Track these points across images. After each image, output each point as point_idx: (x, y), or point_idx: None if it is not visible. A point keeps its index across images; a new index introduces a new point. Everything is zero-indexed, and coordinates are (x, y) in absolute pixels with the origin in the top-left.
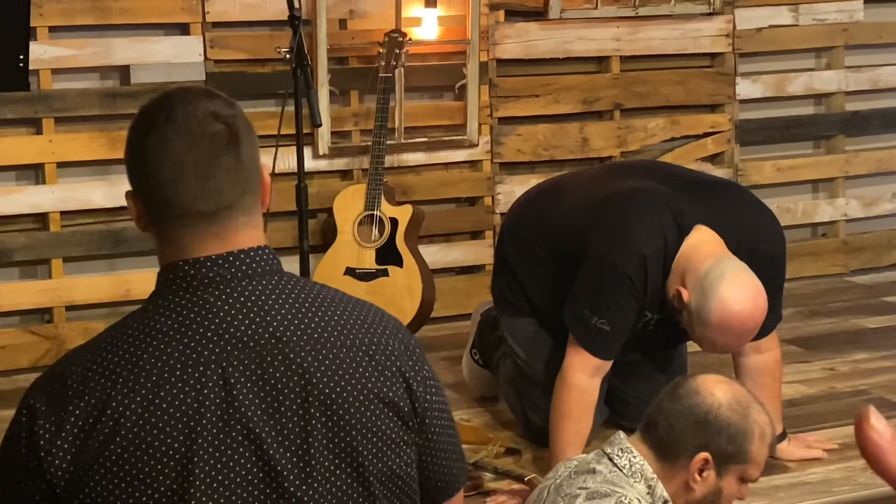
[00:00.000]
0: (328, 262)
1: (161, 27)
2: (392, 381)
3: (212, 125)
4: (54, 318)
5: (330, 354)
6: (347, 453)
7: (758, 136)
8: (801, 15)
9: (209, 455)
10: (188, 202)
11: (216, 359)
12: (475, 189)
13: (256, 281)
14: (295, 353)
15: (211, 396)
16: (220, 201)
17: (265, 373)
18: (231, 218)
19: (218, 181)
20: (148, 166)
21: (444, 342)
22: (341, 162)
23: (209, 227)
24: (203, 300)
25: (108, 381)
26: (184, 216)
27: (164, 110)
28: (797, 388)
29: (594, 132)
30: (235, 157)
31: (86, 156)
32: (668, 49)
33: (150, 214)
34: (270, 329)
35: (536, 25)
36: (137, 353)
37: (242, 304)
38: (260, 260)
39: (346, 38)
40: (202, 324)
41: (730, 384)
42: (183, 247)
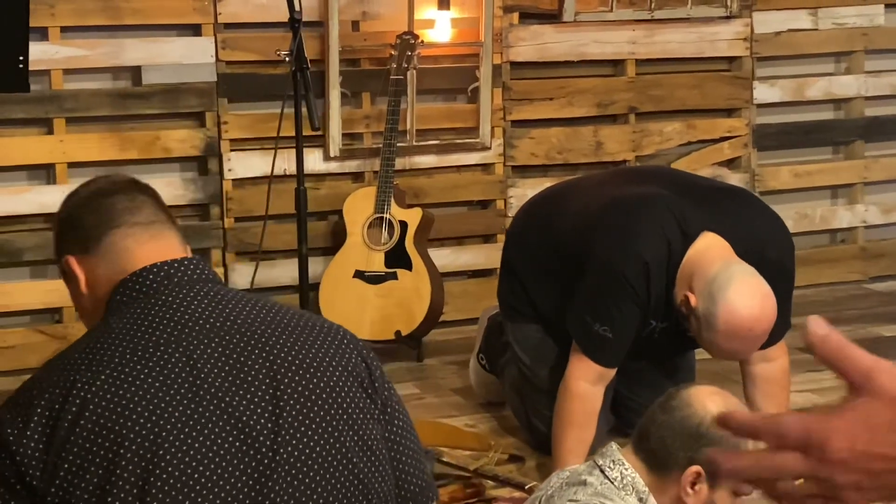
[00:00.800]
0: (337, 265)
1: (173, 28)
2: (352, 357)
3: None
4: (64, 318)
5: (294, 334)
6: (321, 417)
7: (775, 141)
8: (821, 19)
9: (181, 424)
10: (124, 214)
11: (177, 341)
12: (487, 192)
13: (202, 285)
14: (258, 334)
15: (176, 371)
16: (150, 217)
17: (227, 348)
18: (165, 228)
19: (144, 209)
20: (86, 207)
21: (453, 346)
22: (352, 164)
23: (146, 229)
24: (158, 300)
25: (69, 372)
26: (123, 224)
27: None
28: (809, 397)
29: (609, 136)
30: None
31: (96, 156)
32: (684, 52)
33: (90, 245)
34: (232, 316)
35: (551, 28)
36: (97, 346)
37: (199, 301)
38: (204, 268)
39: (358, 40)
40: (164, 316)
41: (723, 396)
42: (126, 253)
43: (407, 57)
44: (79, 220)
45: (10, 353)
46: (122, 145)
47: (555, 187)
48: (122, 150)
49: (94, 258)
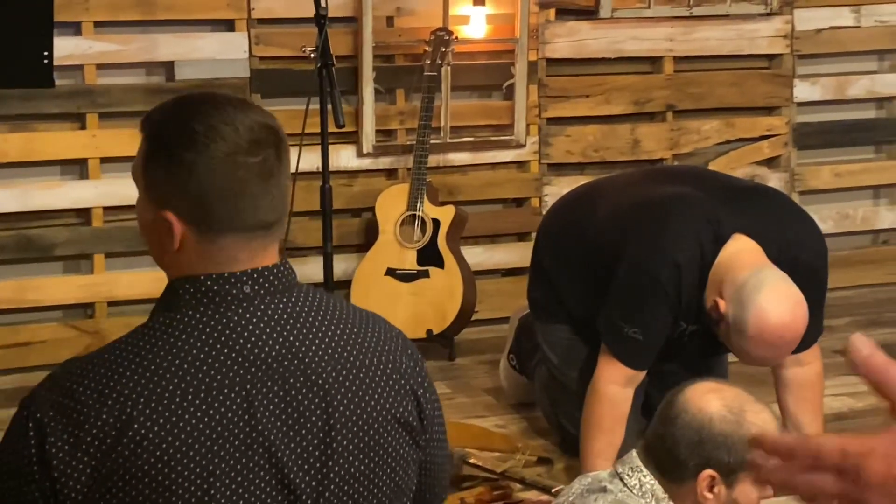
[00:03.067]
0: (370, 262)
1: (206, 23)
2: (407, 401)
3: (272, 137)
4: (96, 314)
5: (350, 376)
6: (365, 475)
7: (816, 140)
8: (863, 16)
9: (230, 479)
10: (259, 213)
11: (240, 381)
12: (522, 190)
13: (278, 298)
14: (317, 374)
15: (234, 420)
16: (280, 211)
17: (287, 395)
18: (279, 229)
19: (280, 192)
20: (218, 177)
21: (485, 345)
22: (386, 161)
23: (265, 238)
24: (227, 318)
25: (128, 401)
26: (250, 228)
27: (224, 121)
28: (845, 401)
29: (646, 134)
30: (287, 169)
31: (129, 151)
32: (723, 50)
33: (204, 227)
34: (293, 350)
35: (587, 24)
36: (159, 373)
37: (266, 324)
38: (282, 276)
39: (392, 36)
40: (226, 343)
41: (719, 392)
42: (230, 260)
43: (441, 53)
44: (203, 195)
45: (42, 347)
46: None
47: (585, 186)
48: None
49: (198, 239)
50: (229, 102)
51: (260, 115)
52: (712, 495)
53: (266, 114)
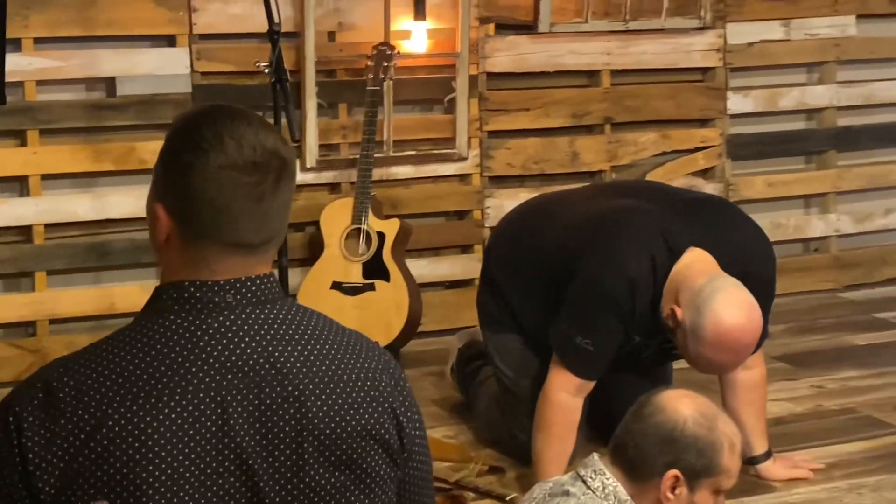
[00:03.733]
0: (315, 276)
1: (147, 39)
2: (384, 418)
3: (276, 160)
4: (38, 332)
5: (327, 389)
6: (337, 489)
7: (749, 151)
8: (793, 30)
9: (199, 483)
10: (244, 235)
11: (216, 386)
12: (464, 203)
13: (260, 309)
14: (294, 385)
15: (207, 424)
16: (267, 235)
17: (262, 404)
18: (269, 250)
19: (273, 217)
20: (210, 190)
21: (431, 357)
22: (329, 175)
23: (246, 257)
24: (207, 325)
25: (103, 399)
26: (231, 245)
27: (231, 136)
28: (785, 405)
29: (584, 146)
30: (288, 195)
31: (70, 168)
32: (658, 63)
33: (187, 234)
34: (272, 359)
35: (527, 39)
36: (136, 374)
37: (245, 333)
38: (266, 288)
39: (334, 51)
40: (204, 349)
41: (693, 398)
42: (208, 270)
43: (383, 68)
44: (191, 199)
45: None
46: (97, 157)
47: (537, 200)
48: (96, 162)
49: (182, 239)
50: (247, 119)
51: (270, 139)
52: (673, 496)
53: (279, 139)
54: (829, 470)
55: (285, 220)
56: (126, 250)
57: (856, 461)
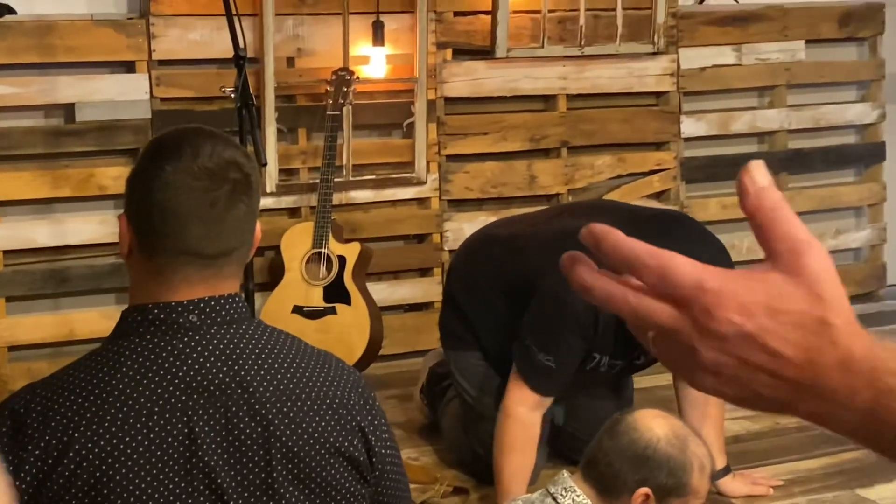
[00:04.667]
0: (276, 301)
1: (106, 65)
2: (352, 436)
3: (234, 172)
4: None
5: (294, 407)
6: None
7: (703, 174)
8: (744, 55)
9: (169, 503)
10: (193, 241)
11: (182, 406)
12: (423, 226)
13: (225, 329)
14: (260, 403)
15: (175, 444)
16: (222, 246)
17: (229, 423)
18: (226, 265)
19: (226, 227)
20: (161, 195)
21: (393, 380)
22: (289, 199)
23: (202, 270)
24: (172, 346)
25: (70, 423)
26: (183, 253)
27: (190, 145)
28: (742, 423)
29: (542, 169)
30: (246, 208)
31: (29, 194)
32: (613, 88)
33: (143, 243)
34: (238, 378)
35: (483, 64)
36: (102, 396)
37: (210, 353)
38: (231, 308)
39: (293, 76)
40: (169, 370)
41: (667, 418)
42: (166, 284)
43: (343, 93)
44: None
45: None
46: (56, 183)
47: (499, 221)
48: (55, 188)
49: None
50: (212, 134)
51: (229, 151)
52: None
53: (242, 154)
54: (788, 486)
55: (246, 236)
56: (85, 277)
57: (814, 478)
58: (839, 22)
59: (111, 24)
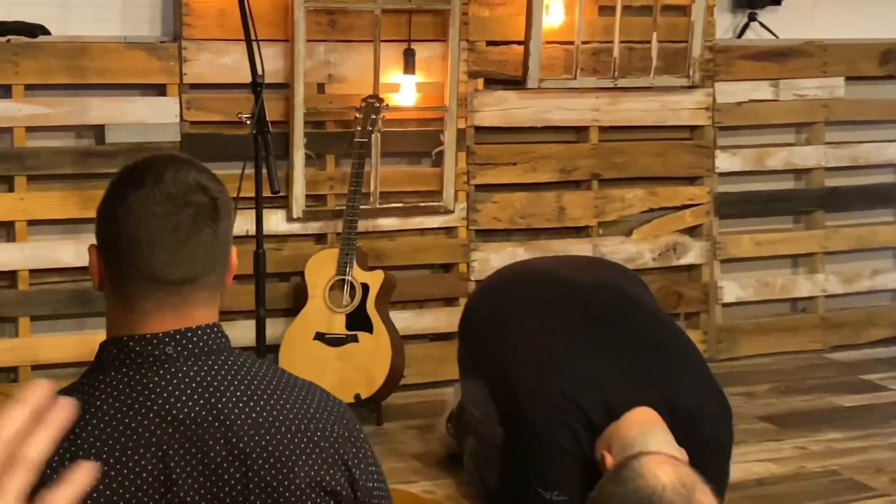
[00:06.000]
0: (298, 327)
1: (137, 87)
2: (334, 470)
3: (198, 196)
4: (20, 377)
5: (273, 441)
6: None
7: (737, 210)
8: (782, 90)
9: None
10: (157, 267)
11: (157, 441)
12: (450, 255)
13: (203, 360)
14: (238, 437)
15: (150, 480)
16: (188, 273)
17: (206, 457)
18: (193, 291)
19: (191, 252)
20: (126, 223)
21: (414, 410)
22: (316, 225)
23: (170, 297)
24: (147, 379)
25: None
26: (149, 281)
27: (153, 171)
28: (767, 466)
29: (571, 201)
30: (212, 233)
31: (57, 214)
32: (647, 121)
33: (112, 273)
34: (214, 412)
35: (515, 94)
36: (75, 432)
37: (187, 385)
38: (208, 339)
39: (323, 102)
40: (144, 403)
41: (674, 465)
42: (138, 314)
43: (372, 120)
44: (113, 234)
45: None
46: (84, 203)
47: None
48: (83, 209)
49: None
50: (179, 161)
51: (193, 175)
52: None
53: (210, 178)
54: None
55: (215, 262)
56: None
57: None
58: (880, 59)
59: (143, 46)
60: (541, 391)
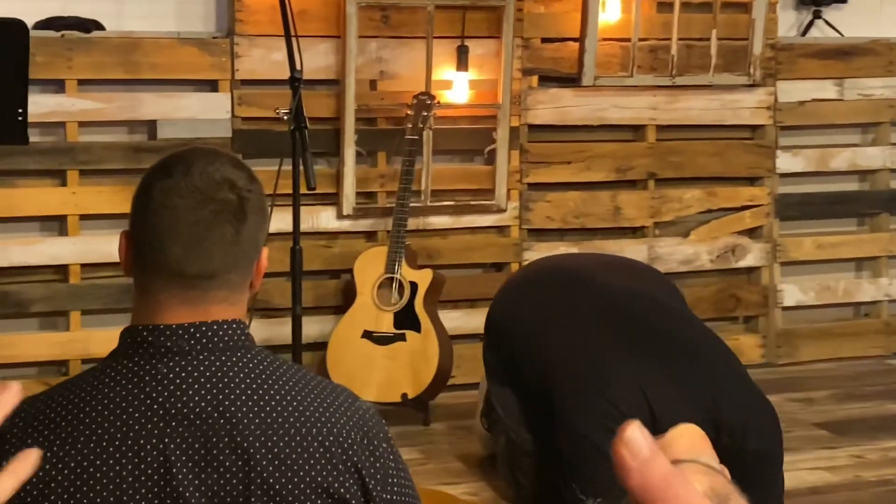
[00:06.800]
0: (346, 324)
1: (190, 83)
2: (344, 476)
3: (224, 192)
4: (70, 371)
5: (280, 442)
6: None
7: (798, 211)
8: (846, 89)
9: None
10: (174, 259)
11: (158, 433)
12: (502, 255)
13: (216, 355)
14: (243, 436)
15: (148, 472)
16: (204, 268)
17: (208, 454)
18: (210, 288)
19: (208, 248)
20: (149, 212)
21: (461, 410)
22: (366, 223)
23: (185, 291)
24: (156, 370)
25: (45, 440)
26: (166, 273)
27: (184, 163)
28: (821, 475)
29: (627, 201)
30: (234, 231)
31: (109, 209)
32: (705, 119)
33: (136, 261)
34: (221, 408)
35: (570, 92)
36: (79, 417)
37: (195, 379)
38: (224, 335)
39: (375, 99)
40: (150, 395)
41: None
42: (154, 304)
43: (423, 117)
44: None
45: None
46: None
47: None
48: None
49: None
50: (213, 154)
51: (227, 171)
52: None
53: (244, 176)
54: None
55: (237, 261)
56: None
57: None
58: None
59: (196, 42)
60: (588, 399)
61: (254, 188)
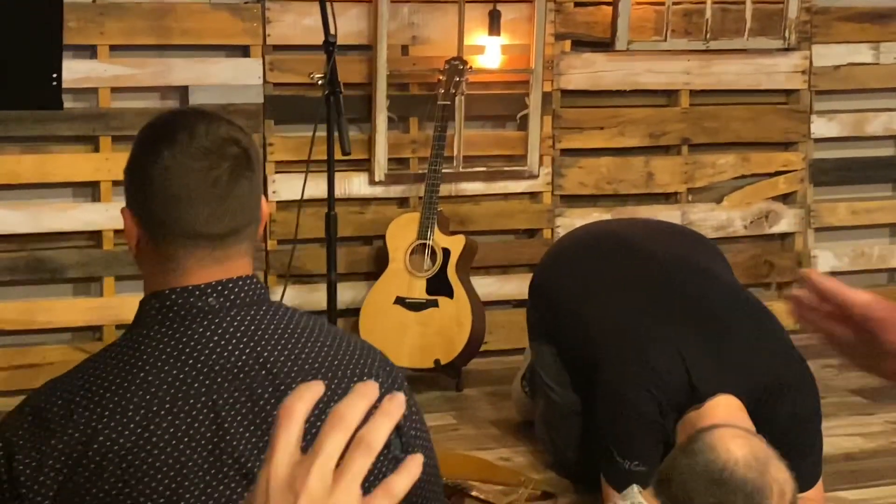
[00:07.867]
0: (379, 290)
1: (221, 48)
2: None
3: (231, 148)
4: (104, 336)
5: (317, 378)
6: None
7: (833, 177)
8: (882, 53)
9: (199, 490)
10: (200, 222)
11: (206, 391)
12: (534, 221)
13: (245, 311)
14: (286, 384)
15: (201, 430)
16: (230, 226)
17: (255, 405)
18: (236, 243)
19: (232, 205)
20: (163, 181)
21: (494, 376)
22: (398, 189)
23: (213, 251)
24: (192, 331)
25: (93, 414)
26: (192, 237)
27: (184, 127)
28: (856, 441)
29: (660, 167)
30: (249, 184)
31: None
32: (740, 84)
33: (150, 233)
34: (261, 360)
35: (603, 56)
36: (124, 387)
37: (231, 335)
38: (249, 290)
39: (406, 65)
40: (191, 355)
41: (747, 438)
42: (179, 270)
43: (455, 82)
44: (150, 195)
45: (50, 369)
46: None
47: (596, 233)
48: None
49: (149, 243)
50: (203, 114)
51: (226, 129)
52: None
53: (237, 130)
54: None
55: (253, 213)
56: None
57: None
58: None
59: (227, 7)
60: (629, 361)
61: (250, 140)
